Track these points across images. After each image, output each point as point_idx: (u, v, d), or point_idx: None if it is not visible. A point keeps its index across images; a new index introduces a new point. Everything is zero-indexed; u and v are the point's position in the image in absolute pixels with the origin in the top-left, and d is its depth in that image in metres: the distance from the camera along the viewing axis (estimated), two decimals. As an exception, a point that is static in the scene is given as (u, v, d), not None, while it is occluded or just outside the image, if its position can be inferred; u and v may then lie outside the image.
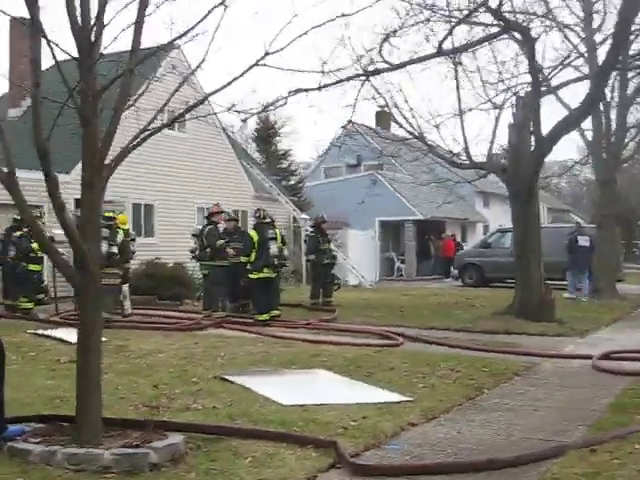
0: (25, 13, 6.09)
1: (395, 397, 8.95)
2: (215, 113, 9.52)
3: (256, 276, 16.58)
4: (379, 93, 16.91)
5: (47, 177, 6.17)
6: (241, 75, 7.12)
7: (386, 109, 19.69)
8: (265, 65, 6.97)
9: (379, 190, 31.69)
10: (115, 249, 16.01)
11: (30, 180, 18.37)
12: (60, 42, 6.27)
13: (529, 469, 6.30)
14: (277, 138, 37.80)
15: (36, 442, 6.17)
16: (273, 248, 16.51)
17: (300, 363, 11.31)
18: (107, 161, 6.51)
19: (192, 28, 6.41)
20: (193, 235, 18.12)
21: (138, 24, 6.37)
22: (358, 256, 31.93)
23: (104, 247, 15.58)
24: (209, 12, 6.68)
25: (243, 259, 16.88)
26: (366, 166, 38.73)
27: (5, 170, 6.30)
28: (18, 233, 17.33)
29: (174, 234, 24.63)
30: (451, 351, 12.68)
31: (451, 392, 9.37)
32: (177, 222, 24.91)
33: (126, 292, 17.31)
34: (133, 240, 19.44)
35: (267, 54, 6.91)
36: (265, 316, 16.45)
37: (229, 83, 6.92)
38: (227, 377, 9.96)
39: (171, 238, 24.57)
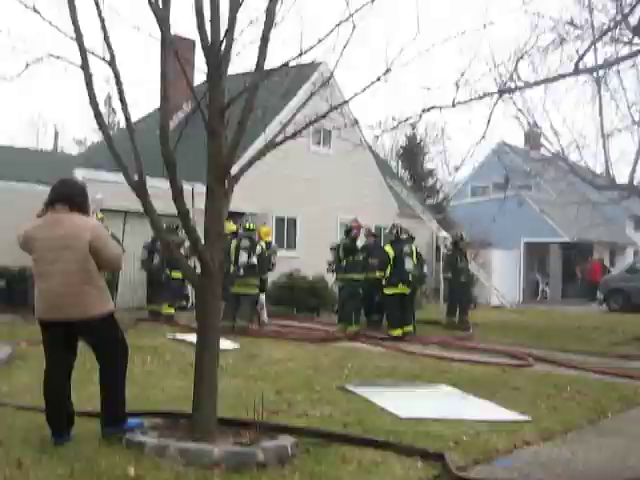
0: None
1: (513, 416, 8.89)
2: (345, 126, 9.56)
3: (391, 291, 16.73)
4: (520, 111, 16.80)
5: (172, 185, 6.50)
6: (362, 91, 7.32)
7: (536, 129, 19.55)
8: (386, 81, 7.12)
9: (525, 211, 31.31)
10: (255, 260, 16.47)
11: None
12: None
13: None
14: (427, 156, 37.84)
15: (153, 435, 6.50)
16: (408, 264, 16.61)
17: (425, 378, 11.36)
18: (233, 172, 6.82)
19: (309, 49, 6.62)
20: (331, 249, 18.41)
21: (263, 40, 6.65)
22: (501, 276, 31.57)
23: (244, 257, 16.14)
24: (336, 26, 6.91)
25: (378, 274, 17.06)
26: (514, 186, 38.11)
27: (136, 179, 6.67)
28: (164, 241, 18.06)
29: (316, 247, 25.02)
30: (581, 374, 12.43)
31: (573, 414, 9.22)
32: (319, 236, 25.29)
33: (263, 302, 17.76)
34: (275, 253, 19.93)
35: (388, 70, 7.07)
36: (398, 331, 16.58)
37: (349, 99, 7.13)
38: (349, 387, 10.13)
39: (313, 251, 24.95)
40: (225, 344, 14.15)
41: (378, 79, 7.16)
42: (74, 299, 6.30)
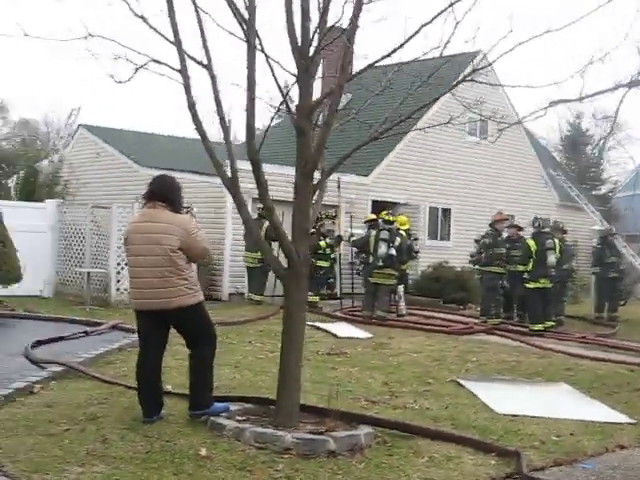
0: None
1: (619, 418, 8.74)
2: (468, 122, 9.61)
3: (533, 285, 16.53)
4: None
5: (257, 182, 6.84)
6: (456, 84, 7.40)
7: None
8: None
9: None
10: (394, 251, 16.69)
11: (329, 180, 19.76)
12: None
13: None
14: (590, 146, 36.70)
15: (238, 419, 6.89)
16: (551, 258, 16.35)
17: (546, 375, 11.26)
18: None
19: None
20: (475, 241, 18.36)
21: (349, 41, 6.86)
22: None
23: (383, 248, 16.41)
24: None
25: (520, 268, 16.90)
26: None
27: (229, 175, 7.05)
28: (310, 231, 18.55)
29: (470, 239, 24.90)
30: None
31: (688, 420, 8.94)
32: (474, 227, 25.15)
33: (401, 293, 17.93)
34: (416, 240, 20.12)
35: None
36: (540, 326, 16.37)
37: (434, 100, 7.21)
38: (461, 381, 10.21)
39: (467, 243, 24.86)
40: (357, 332, 14.56)
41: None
42: (163, 291, 6.78)
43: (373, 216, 19.46)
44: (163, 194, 7.03)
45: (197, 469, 5.85)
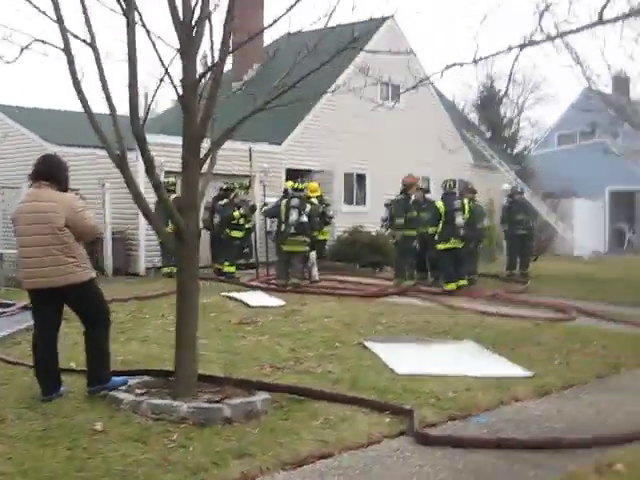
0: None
1: (517, 371, 9.03)
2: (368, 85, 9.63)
3: (443, 246, 16.84)
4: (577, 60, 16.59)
5: (144, 157, 6.88)
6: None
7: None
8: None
9: (611, 159, 30.69)
10: (305, 218, 16.83)
11: (240, 150, 19.83)
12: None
13: (593, 452, 6.20)
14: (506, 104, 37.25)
15: (136, 393, 6.98)
16: (459, 219, 16.68)
17: (454, 334, 11.55)
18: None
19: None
20: (385, 205, 18.58)
21: (228, 14, 6.91)
22: (585, 227, 31.12)
23: (294, 216, 16.55)
24: None
25: (431, 230, 17.19)
26: (600, 133, 37.38)
27: (117, 153, 7.07)
28: (223, 201, 18.64)
29: (386, 203, 25.18)
30: (620, 329, 12.37)
31: (583, 370, 9.26)
32: (389, 191, 25.38)
33: (313, 259, 18.10)
34: (328, 205, 20.32)
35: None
36: (452, 285, 16.73)
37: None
38: (366, 343, 10.42)
39: (383, 207, 25.13)
40: (271, 301, 14.70)
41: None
42: (53, 268, 6.83)
43: (290, 184, 19.62)
44: (49, 173, 7.06)
45: (92, 443, 5.92)
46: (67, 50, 7.03)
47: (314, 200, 18.50)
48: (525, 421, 7.16)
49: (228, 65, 26.72)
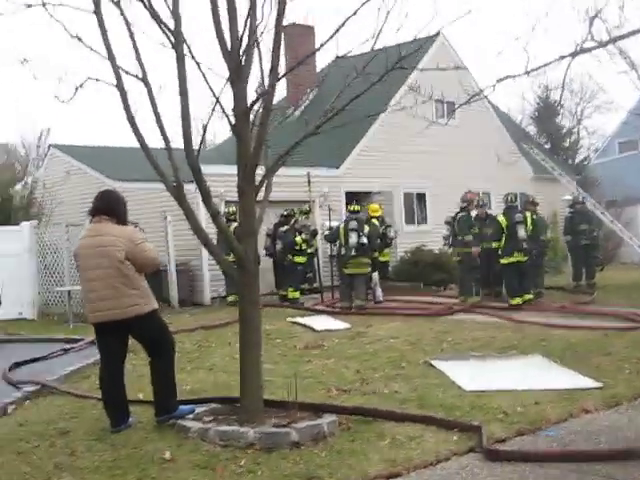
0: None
1: (586, 383, 8.89)
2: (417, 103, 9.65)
3: (507, 261, 16.70)
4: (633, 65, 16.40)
5: (200, 188, 6.98)
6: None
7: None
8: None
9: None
10: (364, 239, 16.87)
11: (298, 176, 19.97)
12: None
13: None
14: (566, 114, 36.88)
15: (205, 420, 7.04)
16: (521, 232, 16.53)
17: (520, 348, 11.42)
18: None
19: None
20: (446, 222, 18.51)
21: (276, 41, 7.00)
22: (651, 234, 30.58)
23: (353, 238, 16.61)
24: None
25: (494, 244, 17.08)
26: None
27: (174, 184, 7.18)
28: (284, 228, 18.77)
29: (447, 220, 25.05)
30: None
31: (656, 379, 9.11)
32: (451, 209, 25.30)
33: (376, 280, 18.09)
34: (389, 227, 20.33)
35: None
36: (518, 300, 16.55)
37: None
38: (432, 362, 10.37)
39: (444, 225, 25.02)
40: (336, 324, 14.74)
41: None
42: (116, 302, 6.95)
43: (357, 207, 19.72)
44: (107, 208, 7.21)
45: (161, 472, 6.01)
46: (120, 86, 7.18)
47: (375, 221, 18.53)
48: (595, 433, 7.05)
49: (283, 92, 27.03)
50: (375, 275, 17.94)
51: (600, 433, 7.02)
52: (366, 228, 17.23)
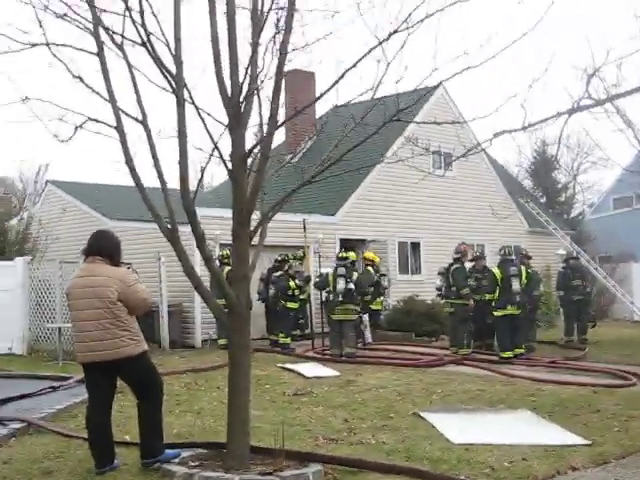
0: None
1: (574, 440, 8.86)
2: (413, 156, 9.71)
3: (500, 313, 16.71)
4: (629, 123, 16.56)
5: (194, 231, 7.01)
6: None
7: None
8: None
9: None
10: (352, 285, 16.94)
11: (294, 222, 20.04)
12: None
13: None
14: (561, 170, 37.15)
15: (190, 465, 7.00)
16: (515, 285, 16.55)
17: (509, 402, 11.41)
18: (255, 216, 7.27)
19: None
20: (439, 273, 18.53)
21: (276, 90, 7.09)
22: (644, 291, 30.69)
23: (341, 284, 16.68)
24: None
25: (488, 297, 17.08)
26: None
27: (169, 226, 7.21)
28: (278, 273, 18.77)
29: (441, 271, 25.08)
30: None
31: (645, 437, 9.07)
32: (445, 259, 25.35)
33: (366, 322, 18.04)
34: (384, 275, 20.44)
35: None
36: (509, 353, 16.53)
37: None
38: (421, 414, 10.34)
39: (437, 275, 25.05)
40: (326, 371, 14.67)
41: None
42: (107, 342, 6.95)
43: (354, 255, 19.84)
44: (101, 248, 7.24)
45: (144, 517, 5.96)
46: (120, 128, 7.25)
47: (369, 269, 18.59)
48: (582, 491, 7.03)
49: (282, 137, 27.20)
50: (365, 317, 17.89)
51: (586, 491, 7.01)
52: (354, 274, 17.28)
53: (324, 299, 18.41)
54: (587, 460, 8.00)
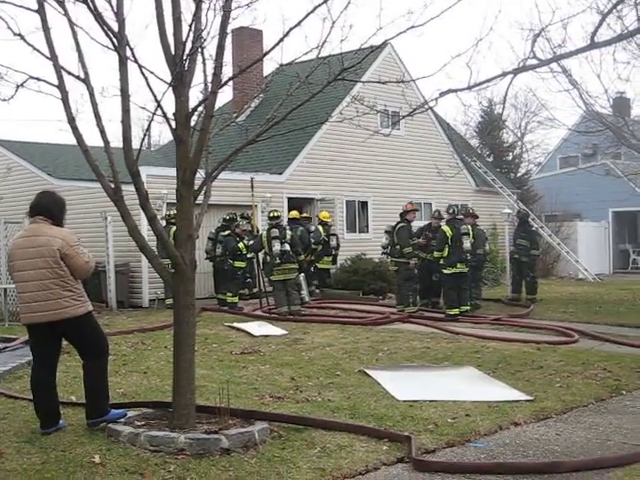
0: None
1: (517, 396, 9.02)
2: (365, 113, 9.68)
3: (449, 271, 16.84)
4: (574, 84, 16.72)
5: (138, 192, 6.95)
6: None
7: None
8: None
9: (613, 180, 30.74)
10: (287, 246, 17.03)
11: (242, 181, 19.99)
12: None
13: (593, 475, 6.24)
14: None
15: (136, 425, 7.01)
16: (466, 243, 16.71)
17: (454, 359, 11.56)
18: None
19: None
20: (385, 232, 18.59)
21: (219, 48, 7.02)
22: (588, 249, 31.21)
23: (277, 246, 16.73)
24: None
25: (436, 254, 17.21)
26: (602, 155, 37.45)
27: (112, 186, 7.14)
28: (226, 232, 18.71)
29: (389, 229, 25.21)
30: (621, 350, 12.36)
31: (583, 393, 9.23)
32: (392, 218, 25.46)
33: (302, 281, 18.00)
34: (333, 235, 20.56)
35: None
36: (455, 311, 16.73)
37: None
38: (367, 371, 10.44)
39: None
40: (273, 330, 14.72)
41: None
42: (50, 302, 6.90)
43: (296, 214, 19.91)
44: (45, 209, 7.15)
45: (90, 476, 5.96)
46: (61, 87, 7.14)
47: (320, 227, 18.71)
48: (523, 445, 7.16)
49: (229, 96, 26.97)
50: (301, 276, 17.88)
51: (528, 446, 7.13)
52: (288, 234, 17.32)
53: (261, 260, 18.38)
54: (529, 416, 8.16)
